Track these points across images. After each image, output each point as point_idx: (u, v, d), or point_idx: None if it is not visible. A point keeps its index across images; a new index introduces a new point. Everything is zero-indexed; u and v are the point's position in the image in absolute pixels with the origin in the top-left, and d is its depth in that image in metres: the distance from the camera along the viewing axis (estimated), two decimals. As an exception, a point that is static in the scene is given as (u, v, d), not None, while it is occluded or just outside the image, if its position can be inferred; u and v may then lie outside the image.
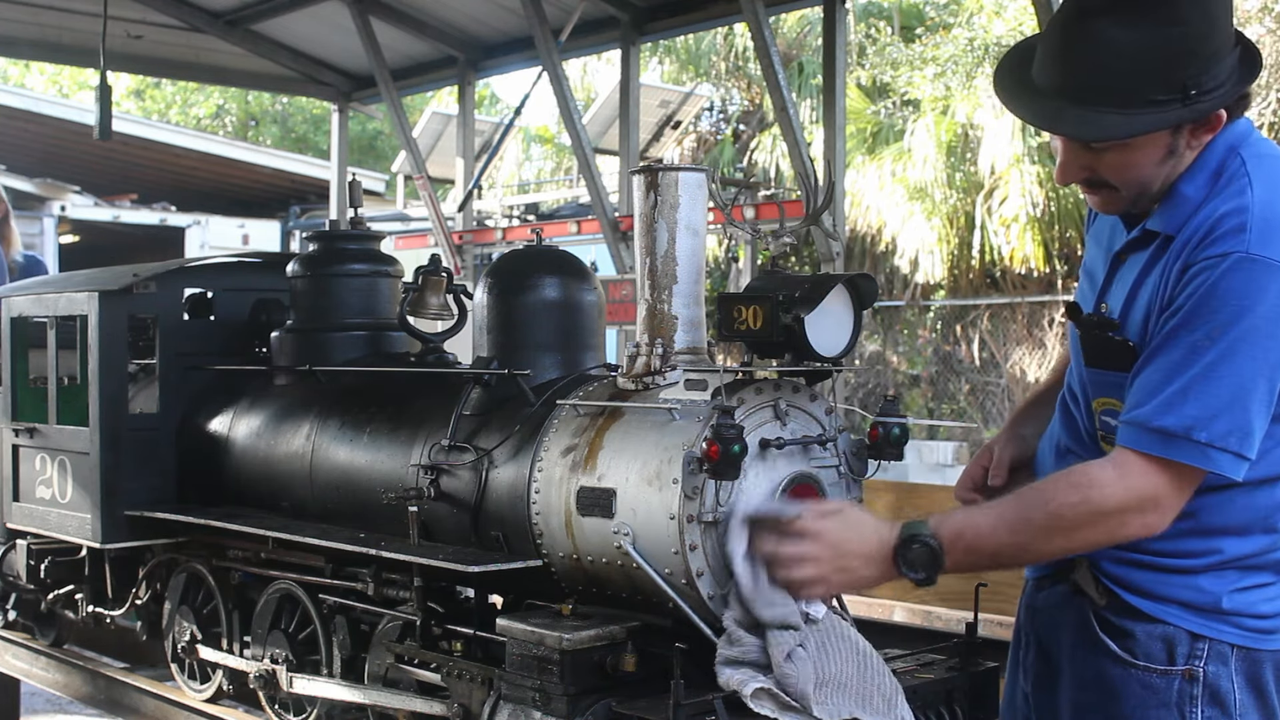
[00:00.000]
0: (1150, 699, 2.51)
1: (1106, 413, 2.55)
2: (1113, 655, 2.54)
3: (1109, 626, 2.56)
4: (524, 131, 25.47)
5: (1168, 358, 2.35)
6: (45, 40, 14.24)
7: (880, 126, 18.41)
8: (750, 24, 10.61)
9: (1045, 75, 2.46)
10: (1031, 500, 2.46)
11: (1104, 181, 2.50)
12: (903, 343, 18.96)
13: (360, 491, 4.06)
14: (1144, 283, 2.48)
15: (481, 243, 15.36)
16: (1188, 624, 2.49)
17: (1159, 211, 2.49)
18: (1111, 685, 2.54)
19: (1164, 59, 2.33)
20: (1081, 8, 2.37)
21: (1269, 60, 13.61)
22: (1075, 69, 2.40)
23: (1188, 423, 2.31)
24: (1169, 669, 2.50)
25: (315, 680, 4.12)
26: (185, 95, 32.99)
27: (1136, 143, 2.42)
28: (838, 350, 3.16)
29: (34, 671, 5.71)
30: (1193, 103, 2.36)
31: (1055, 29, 2.44)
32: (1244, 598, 2.48)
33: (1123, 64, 2.35)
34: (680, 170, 3.37)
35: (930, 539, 2.49)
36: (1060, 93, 2.42)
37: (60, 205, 19.26)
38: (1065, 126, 2.45)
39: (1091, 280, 2.68)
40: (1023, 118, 2.64)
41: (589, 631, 3.10)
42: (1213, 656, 2.48)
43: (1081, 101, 2.38)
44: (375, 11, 13.36)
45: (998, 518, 2.48)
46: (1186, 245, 2.39)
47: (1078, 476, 2.44)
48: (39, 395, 5.20)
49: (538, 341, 3.75)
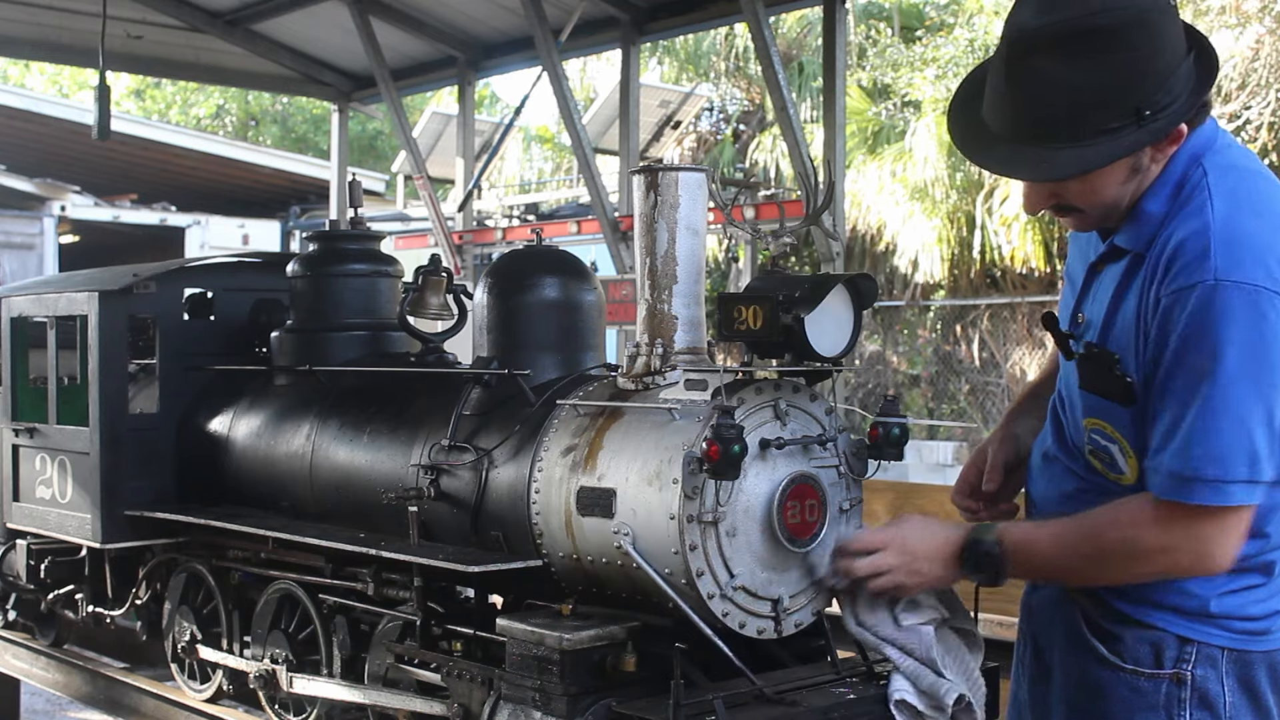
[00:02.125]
0: (1138, 701, 2.51)
1: (1096, 432, 2.56)
2: (1101, 658, 2.55)
3: (1098, 629, 2.58)
4: (524, 131, 25.47)
5: (1171, 402, 2.36)
6: (45, 40, 14.24)
7: (881, 126, 18.41)
8: (750, 24, 10.61)
9: (995, 117, 2.42)
10: (1084, 532, 2.49)
11: (1072, 206, 2.48)
12: (903, 343, 18.96)
13: (360, 491, 4.06)
14: (1123, 300, 2.48)
15: (481, 243, 15.36)
16: (1175, 628, 2.49)
17: (1125, 228, 2.49)
18: (1099, 687, 2.56)
19: (1113, 87, 2.29)
20: (1025, 47, 2.32)
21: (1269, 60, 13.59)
22: (1024, 109, 2.36)
23: (1195, 465, 2.32)
24: (1156, 672, 2.50)
25: (315, 680, 4.12)
26: (185, 95, 32.98)
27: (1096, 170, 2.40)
28: (838, 350, 3.16)
29: (34, 671, 5.72)
30: (1148, 123, 2.32)
31: (999, 70, 2.38)
32: (1233, 600, 2.48)
33: (1071, 99, 2.30)
34: (680, 170, 3.37)
35: (994, 546, 2.57)
36: (1013, 136, 2.39)
37: (60, 205, 19.24)
38: (1022, 171, 2.44)
39: (1072, 287, 2.69)
40: (980, 165, 2.63)
41: (589, 631, 3.10)
42: (1201, 660, 2.48)
43: (1036, 140, 2.35)
44: (375, 11, 13.36)
45: (1056, 540, 2.54)
46: (1156, 269, 2.38)
47: (1124, 514, 2.46)
48: (39, 395, 5.21)
49: (538, 341, 3.75)
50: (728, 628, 3.12)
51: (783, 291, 3.08)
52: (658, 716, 2.88)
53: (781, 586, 3.20)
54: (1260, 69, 13.62)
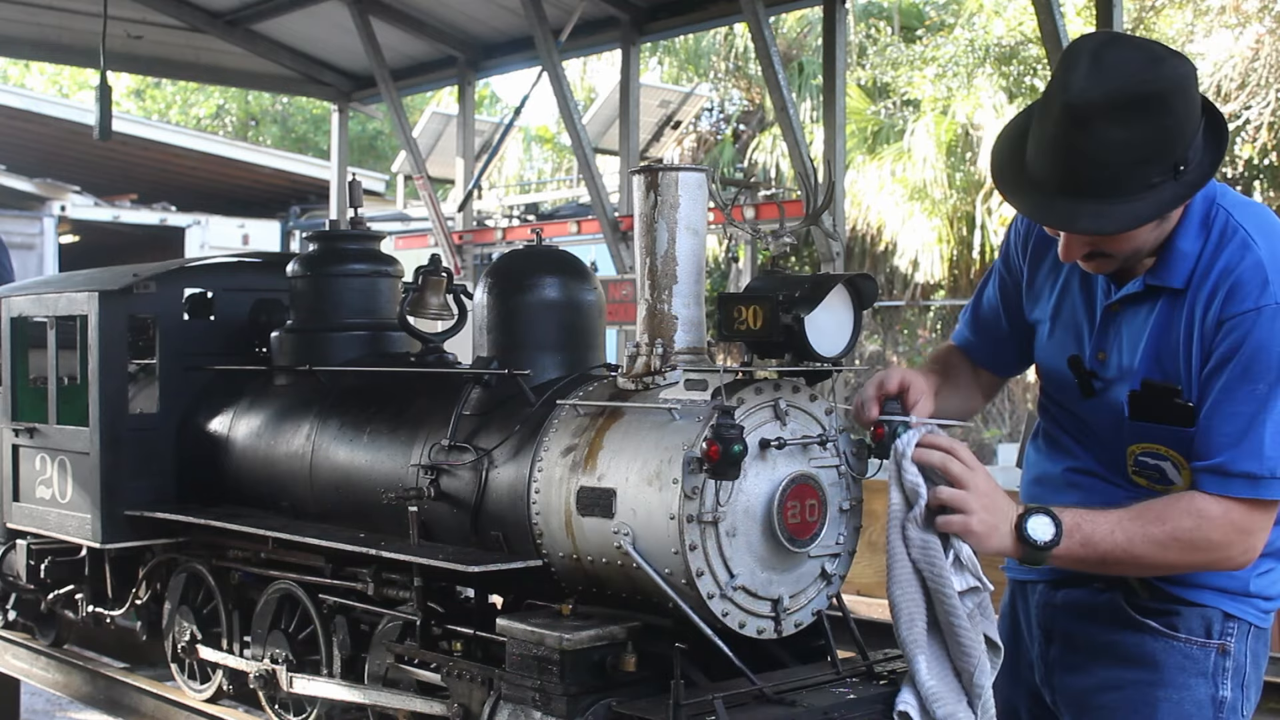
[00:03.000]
0: (1191, 667, 2.80)
1: (1146, 454, 2.79)
2: (1155, 631, 2.82)
3: (1147, 610, 2.83)
4: (524, 131, 25.48)
5: (1237, 409, 2.61)
6: (45, 40, 14.25)
7: (880, 126, 18.42)
8: (750, 24, 10.61)
9: (1047, 172, 2.61)
10: (1149, 517, 2.66)
11: (1104, 253, 2.71)
12: (903, 343, 18.97)
13: (360, 491, 4.06)
14: (1167, 332, 2.71)
15: (481, 243, 15.37)
16: (1223, 605, 2.79)
17: (1158, 267, 2.72)
18: (1154, 657, 2.82)
19: (1157, 146, 2.53)
20: (1083, 113, 2.52)
21: (1269, 60, 13.60)
22: (1082, 168, 2.56)
23: (1271, 465, 2.60)
24: (1207, 642, 2.80)
25: (315, 680, 4.12)
26: (185, 95, 32.99)
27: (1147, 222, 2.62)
28: (838, 350, 3.16)
29: (34, 671, 5.71)
30: (1182, 177, 2.57)
31: (1054, 132, 2.58)
32: (1262, 581, 2.80)
33: (1123, 158, 2.53)
34: (680, 170, 3.37)
35: (1055, 515, 2.67)
36: (1067, 191, 2.59)
37: (60, 205, 19.25)
38: (1083, 224, 2.61)
39: (1075, 331, 2.89)
40: (1036, 219, 2.82)
41: (589, 631, 3.10)
42: (1239, 634, 2.81)
43: (1093, 196, 2.56)
44: (375, 11, 13.36)
45: (1116, 523, 2.67)
46: (1212, 298, 2.64)
47: (1189, 505, 2.66)
48: (39, 395, 5.20)
49: (538, 341, 3.75)
50: (727, 628, 3.11)
51: (783, 291, 3.08)
52: (658, 716, 2.88)
53: (781, 586, 3.20)
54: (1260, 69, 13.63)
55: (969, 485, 2.70)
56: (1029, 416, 14.41)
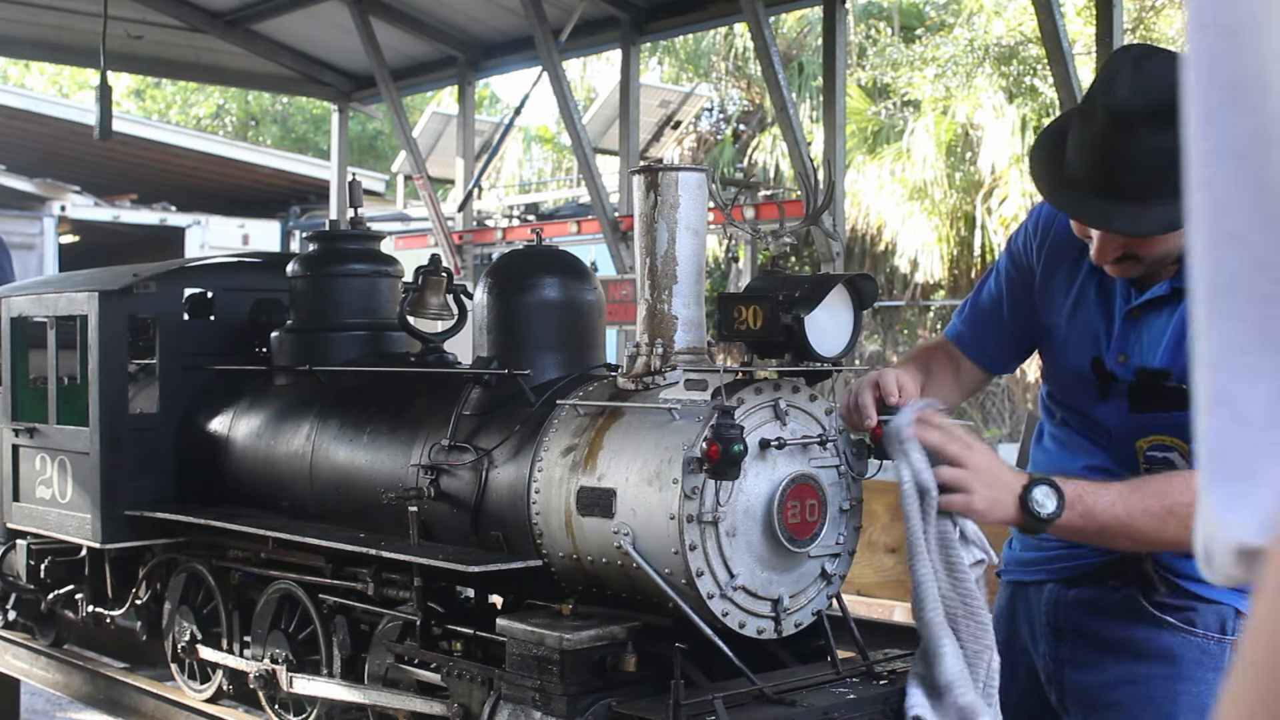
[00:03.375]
0: (1208, 662, 2.84)
1: (1155, 448, 2.85)
2: (1173, 626, 2.87)
3: (1164, 607, 2.88)
4: (524, 131, 25.48)
5: None
6: (45, 40, 14.25)
7: (880, 126, 18.42)
8: (750, 24, 10.62)
9: (1086, 172, 2.68)
10: (1150, 490, 2.69)
11: (1134, 255, 2.76)
12: (903, 343, 18.97)
13: (360, 491, 4.06)
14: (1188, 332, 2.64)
15: (481, 243, 15.37)
16: (1235, 602, 2.83)
17: (1184, 273, 2.67)
18: (1171, 651, 2.87)
19: None
20: (1127, 121, 2.59)
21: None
22: (1120, 170, 2.62)
23: None
24: (1223, 637, 2.84)
25: (315, 680, 4.12)
26: (185, 95, 32.99)
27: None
28: (838, 350, 3.16)
29: (34, 671, 5.71)
30: None
31: (1096, 134, 2.65)
32: None
33: (1161, 164, 2.55)
34: (680, 170, 3.37)
35: (1058, 486, 2.69)
36: (1104, 192, 2.65)
37: (60, 205, 19.25)
38: (1119, 224, 2.67)
39: (1091, 336, 2.93)
40: (1073, 216, 2.85)
41: (589, 631, 3.10)
42: None
43: (1134, 199, 2.62)
44: (375, 11, 13.36)
45: (1118, 495, 2.69)
46: None
47: (1189, 480, 2.66)
48: (39, 395, 5.20)
49: (538, 341, 3.75)
50: (727, 628, 3.11)
51: (783, 291, 3.08)
52: (658, 716, 2.88)
53: (781, 586, 3.20)
54: (1260, 69, 13.61)
55: (967, 463, 2.73)
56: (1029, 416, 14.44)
